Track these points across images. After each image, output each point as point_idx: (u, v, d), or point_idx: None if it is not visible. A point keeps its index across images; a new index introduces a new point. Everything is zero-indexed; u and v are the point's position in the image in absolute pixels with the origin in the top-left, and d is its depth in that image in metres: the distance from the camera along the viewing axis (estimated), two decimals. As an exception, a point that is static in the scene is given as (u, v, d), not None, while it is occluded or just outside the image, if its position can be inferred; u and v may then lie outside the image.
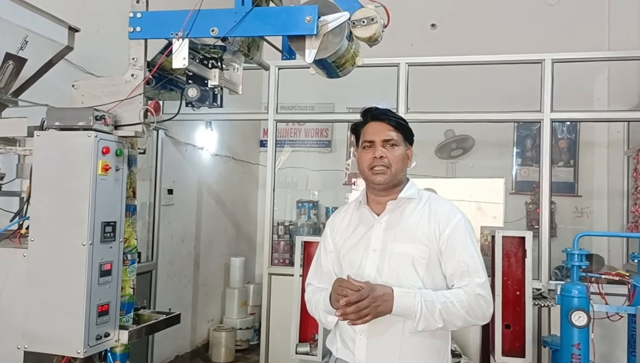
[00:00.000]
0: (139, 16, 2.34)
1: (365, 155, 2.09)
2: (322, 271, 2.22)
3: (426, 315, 1.89)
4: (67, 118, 2.27)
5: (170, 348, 5.29)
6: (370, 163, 2.06)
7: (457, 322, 1.95)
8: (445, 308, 1.91)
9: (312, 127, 7.34)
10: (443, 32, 6.76)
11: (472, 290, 1.96)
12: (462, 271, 1.99)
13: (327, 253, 2.22)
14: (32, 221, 2.28)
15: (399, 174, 2.09)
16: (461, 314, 1.93)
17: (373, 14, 2.12)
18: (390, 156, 2.05)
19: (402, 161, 2.08)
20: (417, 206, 2.10)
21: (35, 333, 2.24)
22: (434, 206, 2.09)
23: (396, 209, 2.10)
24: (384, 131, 2.07)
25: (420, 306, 1.89)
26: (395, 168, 2.06)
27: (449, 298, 1.93)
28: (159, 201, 4.93)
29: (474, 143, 6.63)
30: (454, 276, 2.01)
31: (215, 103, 2.65)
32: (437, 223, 2.04)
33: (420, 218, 2.06)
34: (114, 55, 2.85)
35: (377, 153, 2.05)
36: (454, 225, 2.03)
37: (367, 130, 2.12)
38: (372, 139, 2.08)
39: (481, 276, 1.99)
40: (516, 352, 3.59)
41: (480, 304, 1.96)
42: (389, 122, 2.09)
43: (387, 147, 2.06)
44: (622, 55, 5.15)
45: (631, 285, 3.64)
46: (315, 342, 3.78)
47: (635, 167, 5.73)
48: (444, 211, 2.07)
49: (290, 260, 5.94)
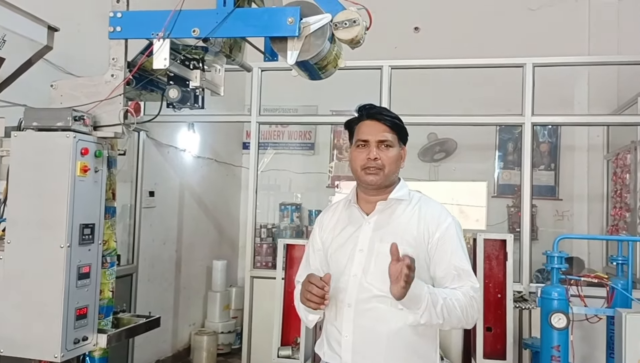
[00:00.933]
0: (119, 16, 2.31)
1: (359, 154, 2.05)
2: (310, 270, 2.17)
3: (430, 308, 1.86)
4: (46, 118, 2.23)
5: (150, 353, 5.23)
6: (364, 163, 2.03)
7: (454, 321, 1.93)
8: (446, 305, 1.89)
9: (295, 129, 7.34)
10: (426, 36, 6.80)
11: (468, 292, 1.95)
12: (454, 274, 1.97)
13: (315, 252, 2.20)
14: (9, 223, 2.24)
15: (392, 175, 2.07)
16: (458, 313, 1.91)
17: (355, 17, 2.12)
18: (385, 157, 2.03)
19: (395, 163, 2.06)
20: (407, 207, 2.08)
21: (12, 337, 2.20)
22: (425, 209, 2.07)
23: (386, 209, 2.08)
24: (379, 132, 2.04)
25: (427, 297, 1.85)
26: (388, 169, 2.03)
27: (449, 295, 1.91)
28: (140, 203, 4.88)
29: (457, 146, 6.69)
30: (445, 279, 1.99)
31: (196, 104, 2.63)
32: (427, 226, 2.02)
33: (410, 219, 2.04)
34: (94, 55, 2.82)
35: (371, 153, 2.02)
36: (444, 229, 2.01)
37: (361, 128, 2.08)
38: (366, 139, 2.04)
39: (475, 280, 1.99)
40: (497, 355, 3.61)
41: (474, 306, 1.95)
42: (385, 122, 2.06)
43: (382, 148, 2.03)
44: (602, 60, 5.22)
45: (610, 288, 3.68)
46: (297, 345, 3.77)
47: (614, 171, 5.80)
48: (434, 214, 2.05)
49: (272, 263, 5.93)
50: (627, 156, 5.34)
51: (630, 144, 5.24)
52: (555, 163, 6.64)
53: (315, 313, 2.03)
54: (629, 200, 5.28)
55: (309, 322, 2.13)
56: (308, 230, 6.66)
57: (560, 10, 6.48)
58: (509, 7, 6.57)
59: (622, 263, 3.82)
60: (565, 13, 6.47)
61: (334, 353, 2.04)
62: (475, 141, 6.49)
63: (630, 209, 5.24)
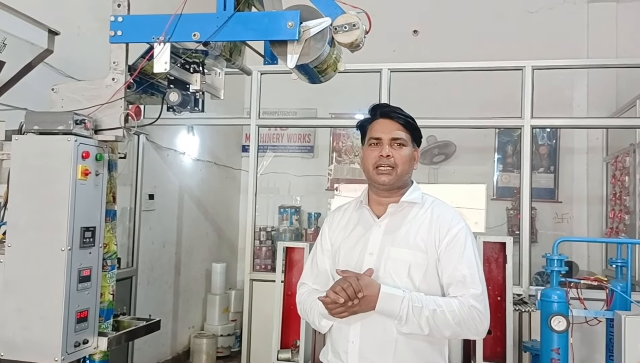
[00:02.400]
0: (120, 20, 2.32)
1: (371, 153, 2.03)
2: (318, 271, 2.14)
3: (412, 321, 1.83)
4: (47, 122, 2.23)
5: (150, 356, 5.23)
6: (376, 161, 2.00)
7: (446, 332, 1.87)
8: (434, 316, 1.84)
9: (294, 132, 7.34)
10: (425, 39, 6.82)
11: (467, 301, 1.87)
12: (458, 281, 1.91)
13: (323, 252, 2.14)
14: (10, 226, 2.24)
15: (404, 175, 2.03)
16: (450, 324, 1.85)
17: (355, 20, 2.12)
18: (397, 155, 1.99)
19: (408, 162, 2.02)
20: (419, 210, 2.03)
21: (12, 340, 2.20)
22: (437, 213, 2.02)
23: (397, 212, 2.04)
24: (392, 130, 2.02)
25: (405, 311, 1.83)
26: (401, 168, 2.00)
27: (440, 306, 1.85)
28: (140, 206, 4.88)
29: (456, 149, 6.69)
30: (450, 285, 1.92)
31: (196, 108, 2.63)
32: (438, 230, 1.97)
33: (422, 223, 2.00)
34: (95, 59, 2.83)
35: (383, 151, 1.99)
36: (454, 234, 1.96)
37: (374, 127, 2.05)
38: (379, 136, 2.02)
39: (477, 287, 1.90)
40: (497, 358, 3.61)
41: (474, 317, 1.86)
42: (398, 120, 2.03)
43: (395, 146, 2.00)
44: (601, 62, 5.23)
45: (609, 290, 3.69)
46: (296, 348, 3.77)
47: (613, 173, 5.81)
48: (446, 219, 2.00)
49: (272, 266, 5.93)
50: (626, 159, 5.35)
51: (629, 146, 5.26)
52: (554, 166, 6.65)
53: (331, 318, 1.95)
54: (628, 203, 5.29)
55: (322, 327, 2.05)
56: (307, 232, 6.67)
57: (559, 13, 6.50)
58: (508, 10, 6.59)
59: (622, 265, 3.83)
60: (564, 16, 6.48)
61: (340, 360, 1.99)
62: (474, 143, 6.50)
63: (629, 212, 5.24)
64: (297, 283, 2.26)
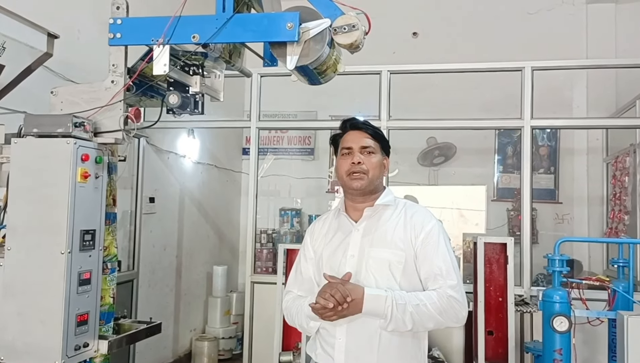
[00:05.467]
0: (119, 22, 2.32)
1: (344, 161, 2.16)
2: (302, 279, 2.26)
3: (397, 318, 1.95)
4: (46, 125, 2.24)
5: (152, 359, 5.22)
6: (349, 168, 2.13)
7: (428, 324, 2.01)
8: (417, 311, 1.96)
9: (294, 134, 7.34)
10: (425, 40, 6.82)
11: (445, 292, 2.00)
12: (436, 274, 2.04)
13: (307, 260, 2.26)
14: (9, 229, 2.24)
15: (376, 180, 2.16)
16: (433, 315, 1.98)
17: (354, 21, 2.13)
18: (368, 162, 2.13)
19: (378, 168, 2.16)
20: (393, 212, 2.17)
21: (12, 344, 2.20)
22: (410, 213, 2.16)
23: (373, 215, 2.16)
24: (362, 139, 2.16)
25: (390, 310, 1.95)
26: (372, 174, 2.13)
27: (422, 300, 1.98)
28: (140, 209, 4.88)
29: (456, 151, 6.69)
30: (428, 279, 2.06)
31: (196, 110, 2.63)
32: (413, 228, 2.10)
33: (397, 224, 2.13)
34: (94, 61, 2.82)
35: (354, 158, 2.12)
36: (428, 230, 2.09)
37: (345, 138, 2.20)
38: (350, 146, 2.15)
39: (453, 278, 2.03)
40: (499, 358, 3.61)
41: (453, 306, 2.00)
42: (367, 131, 2.18)
43: (365, 154, 2.14)
44: (600, 63, 5.23)
45: (611, 290, 3.68)
46: (298, 351, 3.76)
47: (614, 173, 5.80)
48: (419, 217, 2.14)
49: (273, 268, 5.91)
50: (626, 159, 5.34)
51: (629, 146, 5.25)
52: (554, 166, 6.64)
53: (318, 320, 2.05)
54: (627, 203, 5.28)
55: (310, 329, 2.17)
56: (308, 235, 6.64)
57: (559, 14, 6.51)
58: (507, 12, 6.59)
59: (623, 265, 3.82)
60: (563, 17, 6.49)
61: (327, 355, 2.10)
62: (474, 145, 6.50)
63: (629, 212, 5.23)
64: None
